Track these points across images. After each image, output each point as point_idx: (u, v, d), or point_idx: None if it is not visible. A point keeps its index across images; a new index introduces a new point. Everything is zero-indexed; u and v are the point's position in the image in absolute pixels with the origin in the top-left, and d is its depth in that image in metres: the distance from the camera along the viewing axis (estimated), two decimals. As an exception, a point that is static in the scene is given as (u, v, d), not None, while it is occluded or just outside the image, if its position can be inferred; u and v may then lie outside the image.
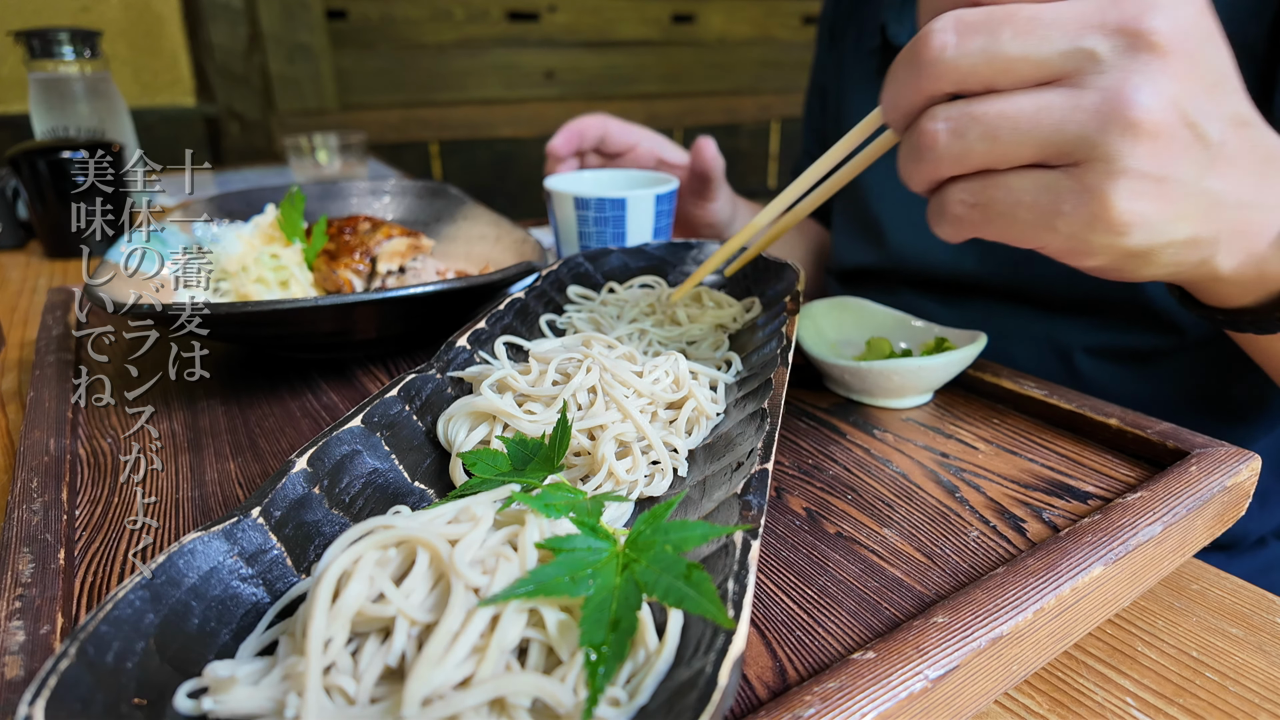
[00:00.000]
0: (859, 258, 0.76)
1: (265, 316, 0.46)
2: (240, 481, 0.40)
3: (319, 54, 1.98)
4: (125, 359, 0.56)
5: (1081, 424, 0.43)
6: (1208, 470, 0.36)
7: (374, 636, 0.24)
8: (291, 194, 0.64)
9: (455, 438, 0.37)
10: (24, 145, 0.94)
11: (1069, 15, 0.29)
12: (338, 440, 0.34)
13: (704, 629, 0.24)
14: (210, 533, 0.28)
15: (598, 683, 0.22)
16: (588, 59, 2.38)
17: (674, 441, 0.38)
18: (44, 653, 0.27)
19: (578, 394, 0.39)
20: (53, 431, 0.43)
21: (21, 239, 1.02)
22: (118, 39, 1.91)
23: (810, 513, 0.37)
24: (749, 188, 2.62)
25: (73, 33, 1.09)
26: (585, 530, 0.27)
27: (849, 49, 0.82)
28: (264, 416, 0.48)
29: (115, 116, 1.15)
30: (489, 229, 0.71)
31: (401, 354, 0.57)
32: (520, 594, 0.24)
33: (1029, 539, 0.34)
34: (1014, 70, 0.30)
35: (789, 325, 0.43)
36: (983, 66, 0.30)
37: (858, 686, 0.24)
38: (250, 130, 1.98)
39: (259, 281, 0.60)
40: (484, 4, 2.19)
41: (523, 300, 0.49)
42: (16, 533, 0.34)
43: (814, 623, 0.30)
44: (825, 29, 0.88)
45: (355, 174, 1.39)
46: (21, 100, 1.77)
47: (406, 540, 0.26)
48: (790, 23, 2.69)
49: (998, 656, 0.27)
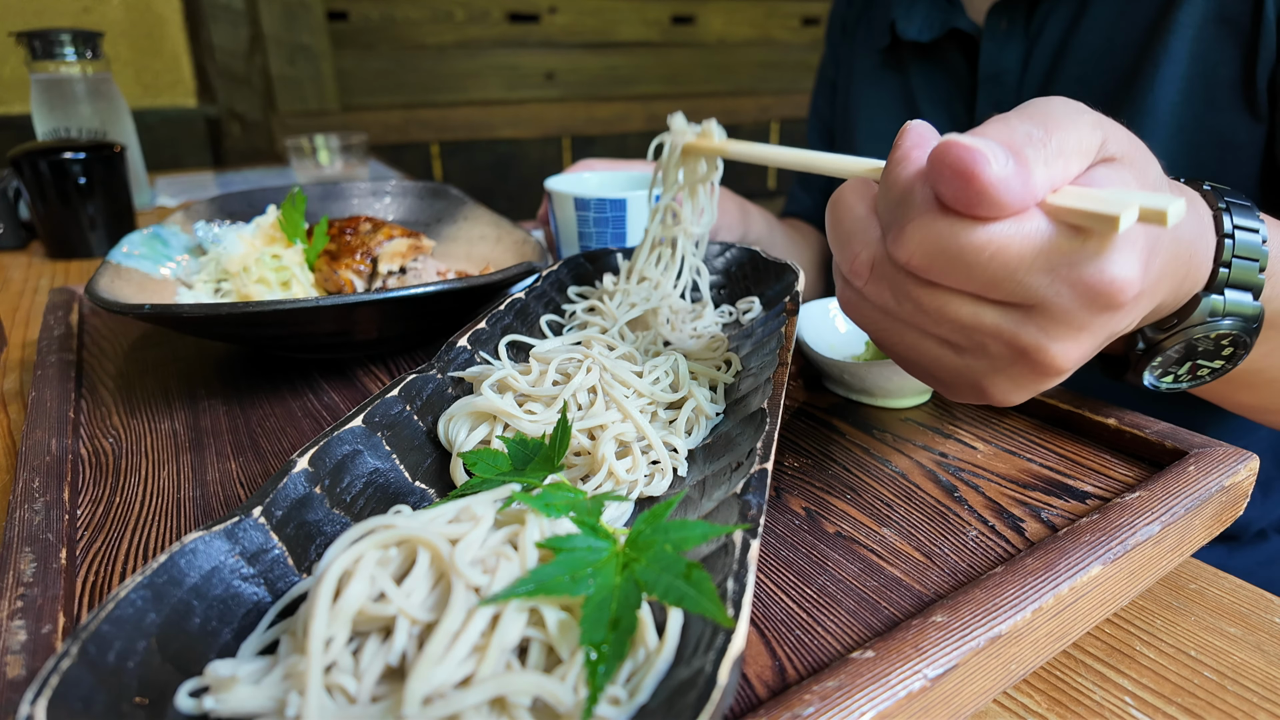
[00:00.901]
0: None
1: (267, 317, 0.46)
2: (242, 481, 0.40)
3: (320, 55, 1.98)
4: (126, 359, 0.57)
5: (1080, 424, 0.43)
6: (1206, 470, 0.36)
7: (375, 636, 0.24)
8: (293, 195, 0.64)
9: (456, 438, 0.37)
10: (26, 146, 0.94)
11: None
12: (339, 440, 0.34)
13: (704, 628, 0.24)
14: (212, 532, 0.28)
15: (598, 681, 0.23)
16: (588, 60, 2.38)
17: (674, 441, 0.38)
18: (46, 652, 0.27)
19: (578, 394, 0.39)
20: (54, 431, 0.43)
21: (23, 239, 1.03)
22: (119, 40, 1.91)
23: (809, 512, 0.37)
24: (749, 188, 2.62)
25: (74, 34, 1.10)
26: (585, 530, 0.28)
27: (859, 45, 0.83)
28: (265, 416, 0.48)
29: (117, 117, 1.16)
30: (489, 230, 0.71)
31: (402, 354, 0.57)
32: (521, 593, 0.24)
33: (1027, 538, 0.35)
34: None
35: (789, 325, 0.43)
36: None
37: (857, 685, 0.24)
38: (251, 131, 1.99)
39: (260, 282, 0.60)
40: (484, 5, 2.19)
41: (523, 300, 0.49)
42: (18, 532, 0.34)
43: (813, 622, 0.30)
44: (836, 25, 0.89)
45: (356, 175, 1.40)
46: (23, 101, 1.77)
47: (407, 540, 0.26)
48: (790, 24, 2.69)
49: (996, 656, 0.27)
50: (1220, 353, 0.39)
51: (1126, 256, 0.27)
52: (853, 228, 0.31)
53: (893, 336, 0.33)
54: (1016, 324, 0.29)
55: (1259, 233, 0.37)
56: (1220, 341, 0.39)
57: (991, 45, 0.67)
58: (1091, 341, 0.29)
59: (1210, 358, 0.40)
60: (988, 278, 0.27)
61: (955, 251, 0.27)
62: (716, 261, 0.57)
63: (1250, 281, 0.37)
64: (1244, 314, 0.37)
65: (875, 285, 0.31)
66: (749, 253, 0.56)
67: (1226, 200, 0.37)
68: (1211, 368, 0.41)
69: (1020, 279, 0.27)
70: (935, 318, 0.30)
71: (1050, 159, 0.27)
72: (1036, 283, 0.27)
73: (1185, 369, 0.41)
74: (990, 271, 0.27)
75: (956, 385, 0.33)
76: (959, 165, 0.25)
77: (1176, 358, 0.40)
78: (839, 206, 0.32)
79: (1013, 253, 0.27)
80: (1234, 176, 0.57)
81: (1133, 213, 0.25)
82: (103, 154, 0.96)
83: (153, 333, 0.62)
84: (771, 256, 0.54)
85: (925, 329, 0.31)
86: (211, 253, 0.63)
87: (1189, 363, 0.40)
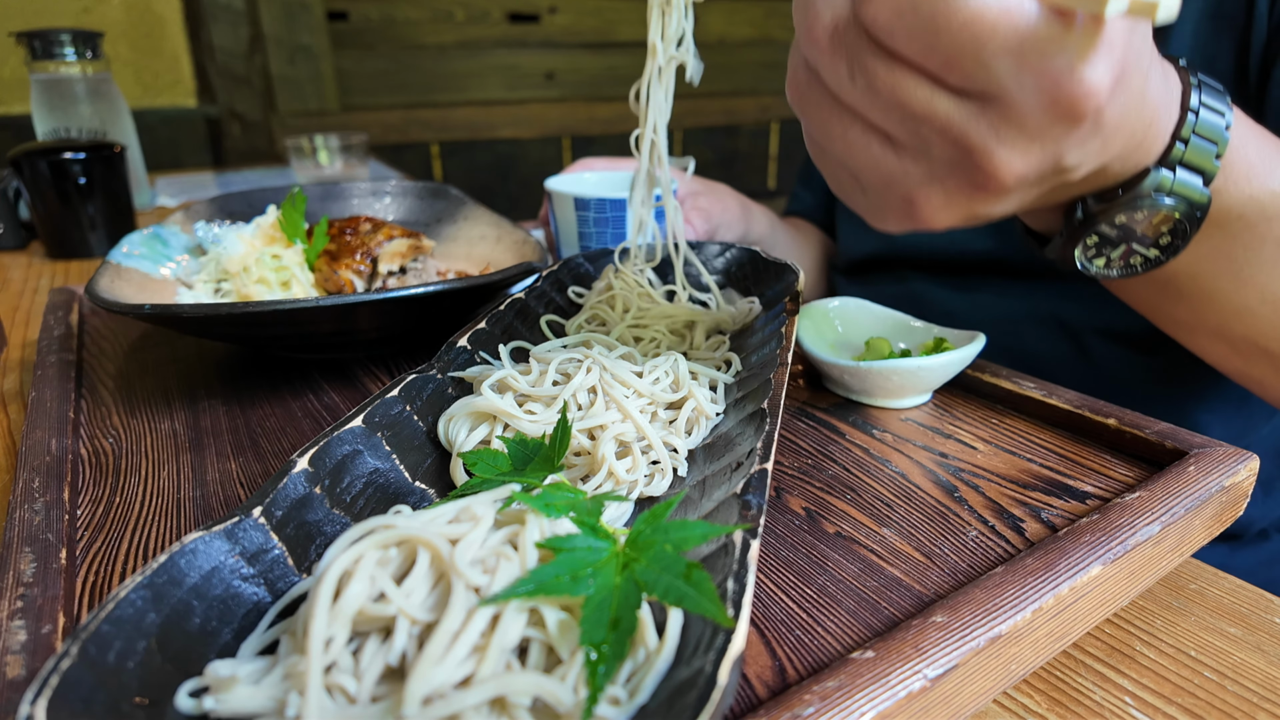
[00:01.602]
0: (866, 246, 0.77)
1: (267, 317, 0.46)
2: (242, 481, 0.40)
3: (320, 55, 1.98)
4: (127, 359, 0.57)
5: (1080, 424, 0.43)
6: (1206, 470, 0.36)
7: (375, 636, 0.24)
8: (293, 195, 0.64)
9: (456, 438, 0.37)
10: (26, 146, 0.94)
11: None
12: (339, 440, 0.34)
13: (704, 628, 0.24)
14: (212, 532, 0.28)
15: (598, 682, 0.23)
16: (588, 60, 2.38)
17: (674, 441, 0.38)
18: (46, 652, 0.27)
19: (578, 394, 0.39)
20: (54, 431, 0.43)
21: (23, 239, 1.03)
22: (119, 40, 1.91)
23: (809, 512, 0.37)
24: (749, 188, 2.62)
25: (74, 34, 1.10)
26: (585, 530, 0.28)
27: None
28: (265, 416, 0.48)
29: (117, 117, 1.16)
30: (490, 230, 0.71)
31: (402, 354, 0.57)
32: (521, 593, 0.24)
33: (1027, 539, 0.35)
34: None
35: (789, 325, 0.43)
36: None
37: (857, 685, 0.24)
38: (251, 131, 1.99)
39: (260, 282, 0.60)
40: (484, 5, 2.19)
41: (523, 301, 0.49)
42: (18, 532, 0.34)
43: (813, 622, 0.30)
44: None
45: (356, 175, 1.40)
46: (23, 101, 1.77)
47: (407, 540, 0.26)
48: (790, 24, 2.67)
49: (996, 656, 0.27)
50: (1157, 240, 0.38)
51: (1101, 64, 0.26)
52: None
53: (834, 127, 0.31)
54: (969, 118, 0.27)
55: (1224, 117, 0.35)
56: (1159, 226, 0.37)
57: None
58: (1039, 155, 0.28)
59: (1145, 244, 0.38)
60: (953, 49, 0.26)
61: (926, 10, 0.26)
62: (716, 261, 0.57)
63: (1204, 165, 0.35)
64: (1190, 198, 0.36)
65: (831, 56, 0.29)
66: (749, 253, 0.56)
67: (1199, 78, 0.36)
68: (1145, 255, 0.39)
69: (986, 58, 0.26)
70: (886, 100, 0.28)
71: None
72: (1002, 67, 0.26)
73: (1118, 252, 0.39)
74: (958, 42, 0.26)
75: (886, 198, 0.31)
76: None
77: (1112, 237, 0.38)
78: None
79: (986, 23, 0.25)
80: None
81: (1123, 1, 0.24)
82: (103, 154, 0.96)
83: (153, 333, 0.62)
84: (772, 256, 0.54)
85: (871, 119, 0.29)
86: (211, 253, 0.63)
87: (1123, 245, 0.39)
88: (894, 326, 0.52)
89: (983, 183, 0.28)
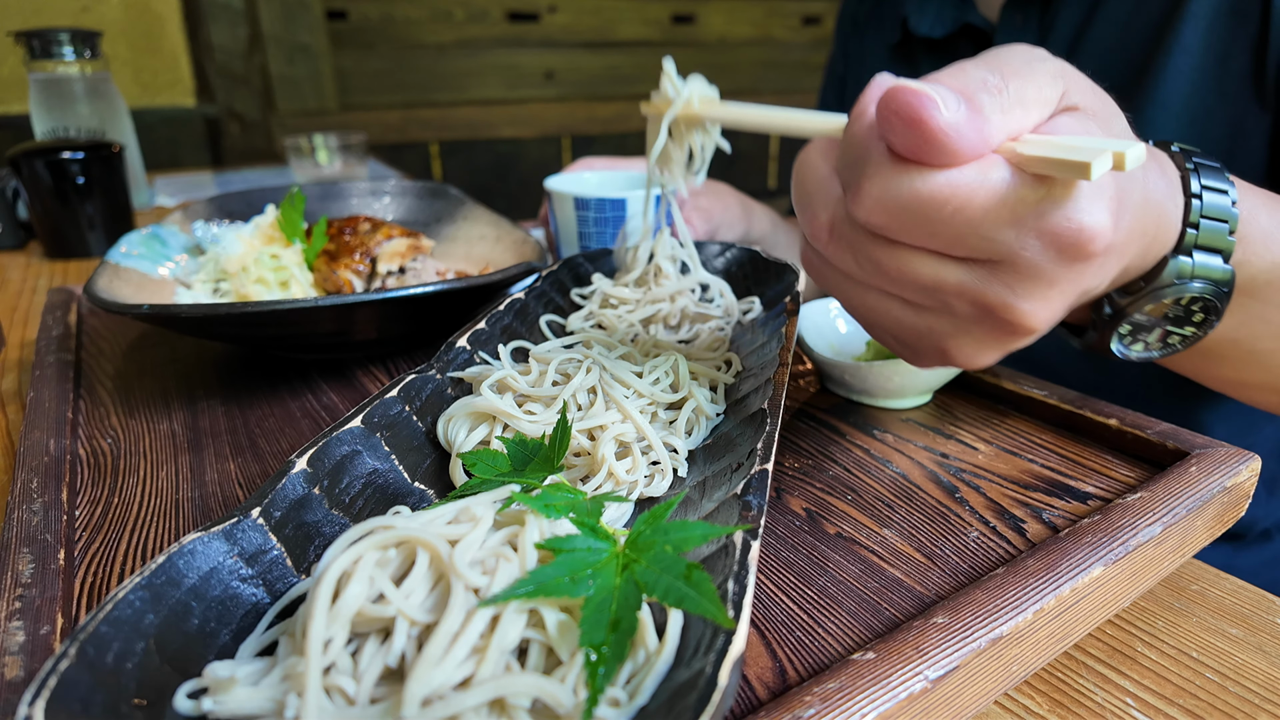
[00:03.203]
0: None
1: (265, 317, 0.46)
2: (240, 482, 0.40)
3: (319, 54, 1.98)
4: (125, 359, 0.56)
5: (1081, 424, 0.43)
6: (1207, 471, 0.36)
7: (374, 637, 0.24)
8: (292, 194, 0.64)
9: (455, 438, 0.37)
10: (24, 146, 0.94)
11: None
12: (338, 440, 0.34)
13: (704, 629, 0.24)
14: (210, 533, 0.28)
15: (598, 683, 0.22)
16: (588, 59, 2.38)
17: (674, 442, 0.38)
18: (44, 653, 0.27)
19: (577, 394, 0.39)
20: (53, 432, 0.43)
21: (22, 239, 1.02)
22: (118, 39, 1.91)
23: (810, 513, 0.37)
24: (749, 188, 2.62)
25: (73, 33, 1.10)
26: (585, 530, 0.27)
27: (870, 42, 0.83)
28: (264, 417, 0.48)
29: (115, 117, 1.16)
30: (489, 229, 0.71)
31: (401, 354, 0.57)
32: (520, 594, 0.24)
33: (1029, 539, 0.34)
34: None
35: (789, 325, 0.43)
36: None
37: (858, 687, 0.24)
38: (250, 131, 1.99)
39: (259, 282, 0.60)
40: (484, 4, 2.19)
41: (523, 301, 0.49)
42: (16, 533, 0.34)
43: (814, 623, 0.30)
44: (847, 21, 0.89)
45: (355, 174, 1.39)
46: (22, 101, 1.77)
47: (406, 541, 0.26)
48: (790, 23, 2.69)
49: (997, 657, 0.27)
50: (1191, 319, 0.38)
51: (1096, 204, 0.26)
52: (814, 188, 0.30)
53: (855, 299, 0.32)
54: (982, 281, 0.27)
55: (1228, 194, 0.36)
56: (1190, 307, 0.37)
57: (1005, 40, 0.67)
58: (1061, 299, 0.28)
59: (1180, 324, 0.38)
60: (950, 233, 0.26)
61: (914, 206, 0.26)
62: (716, 261, 0.57)
63: (1219, 244, 0.36)
64: (1213, 278, 0.36)
65: (836, 247, 0.30)
66: (749, 253, 0.56)
67: (1195, 161, 0.36)
68: (1182, 335, 0.39)
69: (984, 233, 0.26)
70: (896, 278, 0.29)
71: (1007, 106, 0.26)
72: (1002, 236, 0.26)
73: (1155, 336, 0.39)
74: (953, 226, 0.26)
75: (920, 348, 0.32)
76: (906, 111, 0.24)
77: (1145, 324, 0.38)
78: (802, 166, 0.31)
79: (976, 205, 0.25)
80: (1243, 166, 0.56)
81: (1106, 159, 0.24)
82: (101, 154, 0.96)
83: (151, 333, 0.62)
84: (772, 256, 0.54)
85: (887, 290, 0.30)
86: (210, 253, 0.63)
87: (1158, 329, 0.39)
88: (894, 326, 0.52)
89: (1012, 330, 0.29)
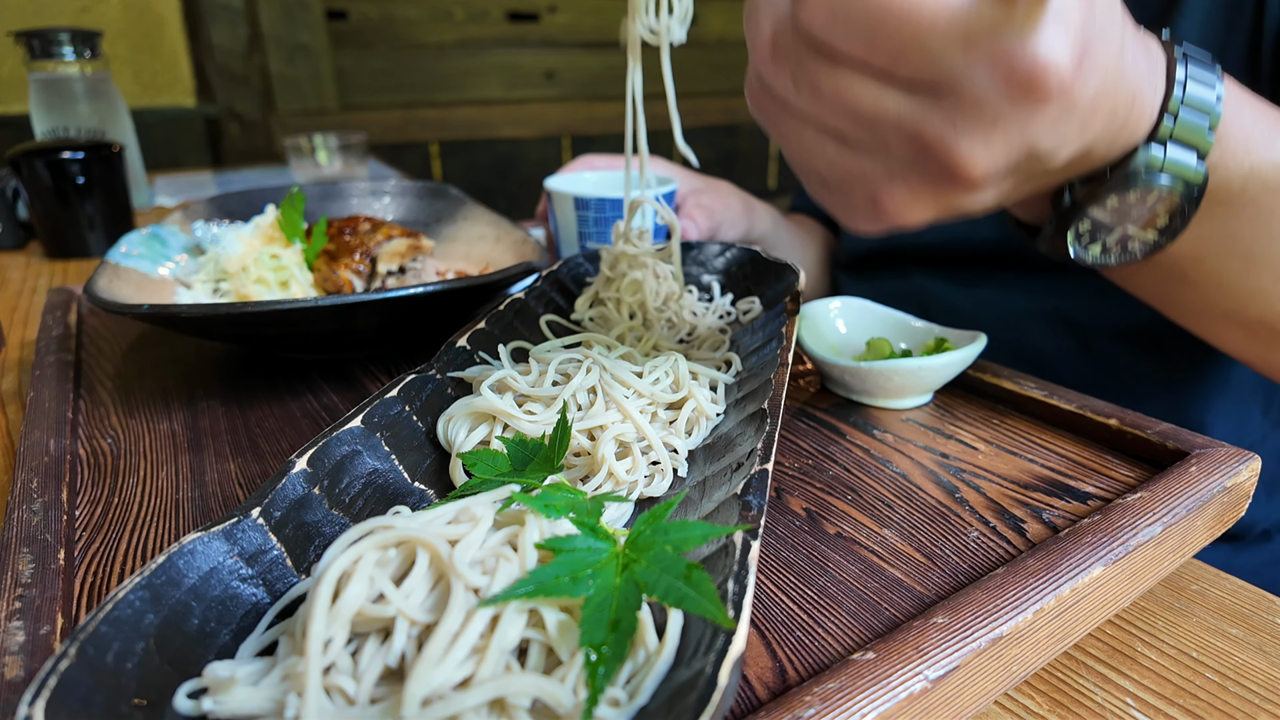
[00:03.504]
0: (868, 241, 0.76)
1: (265, 317, 0.46)
2: (240, 482, 0.40)
3: (319, 54, 1.98)
4: (125, 359, 0.56)
5: (1081, 424, 0.43)
6: (1207, 471, 0.36)
7: (374, 637, 0.24)
8: (292, 194, 0.64)
9: (455, 438, 0.37)
10: (24, 146, 0.94)
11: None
12: (338, 440, 0.34)
13: (704, 629, 0.24)
14: (210, 533, 0.28)
15: (598, 683, 0.22)
16: (588, 59, 2.38)
17: (674, 442, 0.38)
18: (44, 653, 0.27)
19: (577, 394, 0.39)
20: (53, 432, 0.43)
21: (22, 239, 1.02)
22: (118, 39, 1.91)
23: (810, 513, 0.37)
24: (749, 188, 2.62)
25: (73, 33, 1.10)
26: (585, 530, 0.27)
27: None
28: (264, 417, 0.48)
29: (115, 117, 1.16)
30: (489, 229, 0.71)
31: (401, 354, 0.57)
32: (520, 594, 0.24)
33: (1029, 539, 0.34)
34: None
35: (789, 325, 0.43)
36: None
37: (858, 687, 0.24)
38: (250, 130, 1.99)
39: (259, 282, 0.60)
40: (484, 4, 2.19)
41: (522, 301, 0.49)
42: (16, 533, 0.34)
43: (814, 623, 0.30)
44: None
45: (355, 174, 1.39)
46: (22, 100, 1.77)
47: (406, 540, 0.26)
48: (790, 23, 2.68)
49: (997, 657, 0.27)
50: (1154, 222, 0.36)
51: (1055, 35, 0.24)
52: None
53: (791, 134, 0.30)
54: (922, 113, 0.26)
55: (1214, 88, 0.33)
56: (1155, 208, 0.35)
57: None
58: (1004, 143, 0.26)
59: (1142, 225, 0.36)
60: (894, 45, 0.24)
61: (860, 7, 0.24)
62: (716, 261, 0.57)
63: (1196, 140, 0.33)
64: (1185, 175, 0.34)
65: (776, 65, 0.28)
66: (749, 252, 0.56)
67: (1184, 49, 0.34)
68: (1143, 239, 0.37)
69: (930, 49, 0.24)
70: (834, 104, 0.27)
71: None
72: (949, 57, 0.24)
73: (1114, 238, 0.37)
74: (898, 37, 0.24)
75: (852, 196, 0.30)
76: None
77: (1105, 222, 0.36)
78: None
79: (926, 14, 0.24)
80: None
81: None
82: (101, 153, 0.96)
83: (151, 333, 0.62)
84: (772, 256, 0.54)
85: (823, 120, 0.28)
86: (210, 252, 0.63)
87: (1118, 230, 0.36)
88: (895, 326, 0.52)
89: (948, 177, 0.27)
